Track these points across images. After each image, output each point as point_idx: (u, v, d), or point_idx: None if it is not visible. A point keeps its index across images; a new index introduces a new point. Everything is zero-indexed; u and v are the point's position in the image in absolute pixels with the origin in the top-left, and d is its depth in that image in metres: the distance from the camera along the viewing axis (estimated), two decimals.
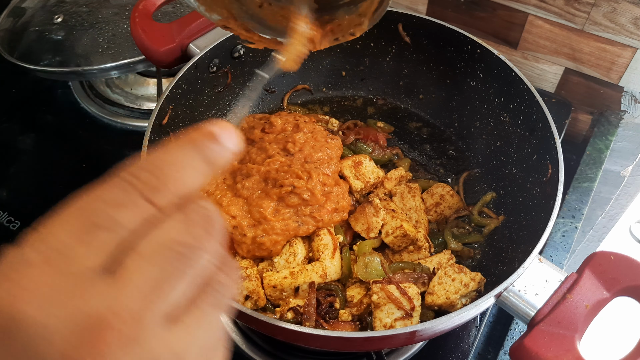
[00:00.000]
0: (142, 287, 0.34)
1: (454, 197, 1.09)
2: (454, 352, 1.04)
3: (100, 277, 0.34)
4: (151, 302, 0.34)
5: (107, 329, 0.32)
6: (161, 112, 1.01)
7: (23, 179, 1.34)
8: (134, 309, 0.33)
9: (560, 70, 1.39)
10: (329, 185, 1.00)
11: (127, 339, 0.32)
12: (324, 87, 1.32)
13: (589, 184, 1.29)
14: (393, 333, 0.78)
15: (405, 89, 1.28)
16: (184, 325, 0.36)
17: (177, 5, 1.41)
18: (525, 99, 1.04)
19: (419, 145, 1.23)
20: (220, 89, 1.19)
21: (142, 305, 0.34)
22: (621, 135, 1.37)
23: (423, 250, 1.01)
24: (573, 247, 1.20)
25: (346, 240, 1.02)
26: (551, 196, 0.89)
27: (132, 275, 0.34)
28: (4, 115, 1.47)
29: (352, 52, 1.26)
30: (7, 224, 1.22)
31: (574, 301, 0.80)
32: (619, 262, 0.83)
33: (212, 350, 0.38)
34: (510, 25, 1.38)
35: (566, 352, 0.77)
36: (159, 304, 0.34)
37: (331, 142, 1.08)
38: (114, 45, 1.36)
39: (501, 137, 1.13)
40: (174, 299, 0.35)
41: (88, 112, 1.46)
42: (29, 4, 1.49)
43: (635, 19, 1.21)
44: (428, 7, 1.47)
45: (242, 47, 1.17)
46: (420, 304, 0.91)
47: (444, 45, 1.17)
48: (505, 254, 0.99)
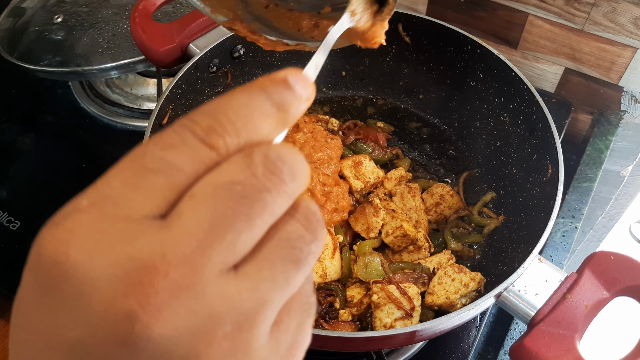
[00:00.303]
0: (195, 231, 0.30)
1: (454, 197, 1.09)
2: (454, 352, 1.04)
3: (152, 222, 0.31)
4: (208, 248, 0.30)
5: (157, 276, 0.29)
6: (161, 112, 1.01)
7: (23, 179, 1.34)
8: (186, 254, 0.29)
9: (560, 70, 1.39)
10: (329, 185, 1.00)
11: (179, 287, 0.29)
12: (324, 87, 1.32)
13: (589, 184, 1.29)
14: (393, 333, 0.78)
15: (405, 89, 1.28)
16: (250, 278, 0.31)
17: (177, 5, 1.41)
18: (525, 99, 1.04)
19: (419, 145, 1.23)
20: (220, 89, 1.19)
21: (195, 250, 0.30)
22: (621, 135, 1.37)
23: (423, 250, 1.01)
24: (573, 247, 1.20)
25: (346, 240, 1.02)
26: (551, 196, 0.89)
27: (184, 219, 0.30)
28: (4, 115, 1.47)
29: (352, 52, 1.26)
30: (7, 224, 1.22)
31: (574, 301, 0.80)
32: (619, 262, 0.83)
33: (290, 312, 0.34)
34: (510, 25, 1.38)
35: (566, 352, 0.77)
36: (216, 250, 0.30)
37: (331, 142, 1.08)
38: (114, 45, 1.36)
39: (501, 137, 1.13)
40: (236, 246, 0.31)
41: (88, 112, 1.46)
42: (29, 4, 1.49)
43: (635, 19, 1.21)
44: (428, 7, 1.47)
45: (242, 47, 1.17)
46: (420, 304, 0.91)
47: (444, 45, 1.17)
48: (505, 254, 0.99)
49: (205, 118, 0.33)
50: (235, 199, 0.31)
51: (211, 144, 0.33)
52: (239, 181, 0.32)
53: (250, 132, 0.34)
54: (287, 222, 0.34)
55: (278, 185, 0.33)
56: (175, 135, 0.33)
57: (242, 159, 0.33)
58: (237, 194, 0.31)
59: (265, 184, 0.32)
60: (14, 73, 1.44)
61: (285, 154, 0.34)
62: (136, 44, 1.15)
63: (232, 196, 0.31)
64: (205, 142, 0.32)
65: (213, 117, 0.33)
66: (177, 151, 0.32)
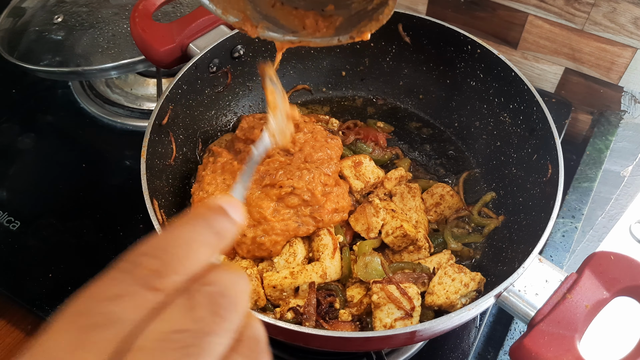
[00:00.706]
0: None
1: (454, 197, 1.09)
2: (454, 352, 1.04)
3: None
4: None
5: None
6: (161, 112, 1.01)
7: (23, 179, 1.34)
8: None
9: (560, 70, 1.39)
10: (329, 185, 1.00)
11: None
12: (324, 87, 1.32)
13: (589, 184, 1.29)
14: (393, 333, 0.78)
15: (405, 89, 1.28)
16: None
17: (177, 5, 1.41)
18: (525, 99, 1.04)
19: (419, 145, 1.23)
20: (220, 89, 1.19)
21: None
22: (621, 135, 1.37)
23: (423, 250, 1.01)
24: (573, 247, 1.20)
25: (346, 240, 1.02)
26: (551, 196, 0.89)
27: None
28: (4, 115, 1.47)
29: (352, 52, 1.26)
30: (7, 224, 1.22)
31: (573, 301, 0.80)
32: (619, 262, 0.83)
33: None
34: (510, 25, 1.38)
35: (566, 352, 0.77)
36: None
37: (331, 142, 1.08)
38: (114, 45, 1.36)
39: (501, 137, 1.13)
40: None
41: (88, 112, 1.47)
42: (29, 4, 1.49)
43: (635, 19, 1.21)
44: (428, 7, 1.47)
45: (242, 47, 1.17)
46: (420, 304, 0.91)
47: (444, 45, 1.17)
48: (505, 254, 0.99)
49: (149, 260, 0.35)
50: (181, 348, 0.32)
51: (155, 287, 0.34)
52: (183, 329, 0.33)
53: (193, 264, 0.36)
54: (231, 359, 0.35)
55: (221, 324, 0.34)
56: (118, 283, 0.34)
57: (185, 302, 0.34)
58: (181, 344, 0.32)
59: (210, 326, 0.34)
60: (14, 73, 1.44)
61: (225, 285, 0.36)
62: (136, 44, 1.15)
63: (177, 346, 0.32)
64: (150, 287, 0.34)
65: (157, 257, 0.35)
66: (120, 302, 0.33)
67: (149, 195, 0.89)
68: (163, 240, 0.36)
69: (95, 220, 1.23)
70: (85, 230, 1.21)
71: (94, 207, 1.25)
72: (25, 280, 1.12)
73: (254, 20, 0.84)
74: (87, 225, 1.22)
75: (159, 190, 0.97)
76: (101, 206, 1.25)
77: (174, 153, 1.07)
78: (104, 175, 1.32)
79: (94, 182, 1.30)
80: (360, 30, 0.78)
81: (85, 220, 1.22)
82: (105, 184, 1.30)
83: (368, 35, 0.78)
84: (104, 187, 1.30)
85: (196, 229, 0.38)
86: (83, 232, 1.20)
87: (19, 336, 1.12)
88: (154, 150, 0.98)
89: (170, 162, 1.06)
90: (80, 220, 1.22)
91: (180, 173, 1.10)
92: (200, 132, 1.17)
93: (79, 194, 1.28)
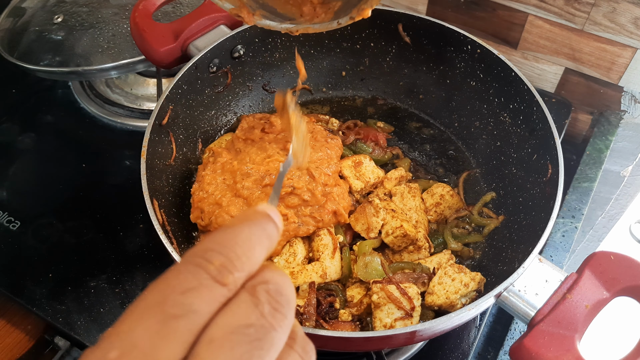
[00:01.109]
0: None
1: (454, 197, 1.09)
2: (454, 352, 1.04)
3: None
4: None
5: None
6: (161, 112, 1.01)
7: (23, 179, 1.34)
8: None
9: (560, 70, 1.39)
10: (329, 185, 1.00)
11: None
12: (324, 87, 1.32)
13: (589, 184, 1.29)
14: (393, 333, 0.78)
15: (405, 89, 1.28)
16: None
17: (177, 5, 1.41)
18: (525, 99, 1.04)
19: (419, 145, 1.23)
20: (220, 89, 1.19)
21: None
22: (621, 135, 1.37)
23: (423, 250, 1.01)
24: (573, 247, 1.20)
25: (346, 240, 1.02)
26: (551, 196, 0.89)
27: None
28: (4, 115, 1.47)
29: (352, 52, 1.26)
30: (7, 224, 1.22)
31: (573, 301, 0.80)
32: (618, 262, 0.83)
33: None
34: (510, 25, 1.38)
35: (566, 352, 0.77)
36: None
37: (331, 142, 1.08)
38: (114, 45, 1.36)
39: (501, 137, 1.13)
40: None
41: (88, 112, 1.47)
42: (29, 4, 1.49)
43: (635, 19, 1.21)
44: (428, 7, 1.47)
45: (241, 47, 1.17)
46: (420, 304, 0.91)
47: (444, 45, 1.17)
48: (505, 254, 0.99)
49: (217, 256, 0.38)
50: (249, 342, 0.35)
51: (223, 281, 0.37)
52: (250, 323, 0.36)
53: (252, 264, 0.39)
54: (289, 355, 0.39)
55: (282, 321, 0.38)
56: (191, 276, 0.36)
57: (250, 298, 0.38)
58: (250, 337, 0.36)
59: (272, 322, 0.37)
60: (14, 73, 1.44)
61: (280, 284, 0.39)
62: (136, 44, 1.15)
63: (246, 340, 0.35)
64: (218, 281, 0.37)
65: (224, 254, 0.38)
66: (196, 294, 0.36)
67: (149, 195, 0.89)
68: (226, 238, 0.39)
69: (95, 220, 1.23)
70: (85, 230, 1.21)
71: (94, 207, 1.25)
72: (25, 280, 1.12)
73: (251, 8, 0.84)
74: (87, 225, 1.22)
75: (159, 190, 0.97)
76: (101, 206, 1.25)
77: (174, 153, 1.07)
78: (104, 175, 1.32)
79: (94, 182, 1.30)
80: (361, 8, 0.77)
81: (85, 220, 1.22)
82: (105, 184, 1.30)
83: (369, 12, 0.77)
84: (104, 187, 1.30)
85: (253, 231, 0.41)
86: (83, 232, 1.20)
87: (19, 336, 1.12)
88: (154, 150, 0.98)
89: (170, 162, 1.06)
90: (80, 220, 1.22)
91: (180, 173, 1.10)
92: (200, 132, 1.17)
93: (79, 194, 1.28)
